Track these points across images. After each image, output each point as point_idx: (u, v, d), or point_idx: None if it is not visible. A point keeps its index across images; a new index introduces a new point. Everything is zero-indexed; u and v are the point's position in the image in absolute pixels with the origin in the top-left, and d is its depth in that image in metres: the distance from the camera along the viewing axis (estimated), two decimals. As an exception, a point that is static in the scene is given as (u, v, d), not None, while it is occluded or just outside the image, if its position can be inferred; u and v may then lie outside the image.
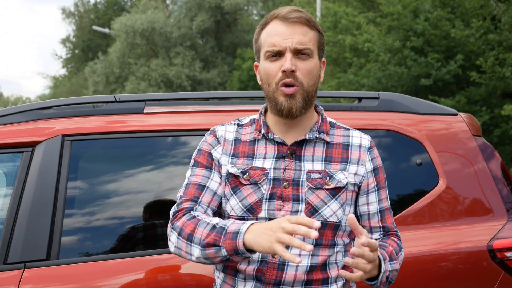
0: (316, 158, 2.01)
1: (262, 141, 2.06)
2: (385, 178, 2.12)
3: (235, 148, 2.07)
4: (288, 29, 1.97)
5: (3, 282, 2.36)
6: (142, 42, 26.04)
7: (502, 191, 2.75)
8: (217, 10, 26.34)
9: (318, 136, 2.03)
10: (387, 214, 2.10)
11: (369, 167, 2.06)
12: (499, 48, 12.10)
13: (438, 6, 13.02)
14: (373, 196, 2.07)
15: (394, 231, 2.12)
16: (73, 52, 40.29)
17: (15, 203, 2.48)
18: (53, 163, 2.54)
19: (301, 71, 1.97)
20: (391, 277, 1.98)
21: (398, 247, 2.06)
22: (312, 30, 2.01)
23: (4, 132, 2.61)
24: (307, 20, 1.99)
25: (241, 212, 2.00)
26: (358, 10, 15.70)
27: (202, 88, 25.52)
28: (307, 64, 1.98)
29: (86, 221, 2.58)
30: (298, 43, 1.96)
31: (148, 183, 2.69)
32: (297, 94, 1.97)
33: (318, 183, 1.97)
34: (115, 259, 2.47)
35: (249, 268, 1.97)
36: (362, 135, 2.09)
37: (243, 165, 2.03)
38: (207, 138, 2.11)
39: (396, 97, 2.91)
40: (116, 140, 2.67)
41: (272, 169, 2.00)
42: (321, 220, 1.96)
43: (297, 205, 1.96)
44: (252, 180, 2.00)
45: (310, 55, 1.99)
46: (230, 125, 2.13)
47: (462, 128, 2.85)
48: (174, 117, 2.76)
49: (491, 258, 2.58)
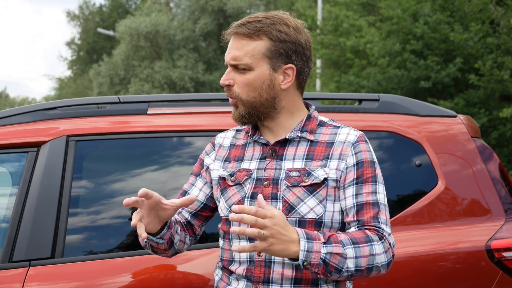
0: (297, 157, 2.03)
1: (252, 144, 2.11)
2: (375, 173, 2.01)
3: (229, 153, 2.14)
4: (230, 43, 2.04)
5: (9, 280, 2.39)
6: (146, 45, 26.07)
7: (500, 192, 2.77)
8: (219, 13, 26.36)
9: (300, 135, 2.05)
10: (367, 208, 1.96)
11: (350, 161, 2.00)
12: (498, 52, 12.14)
13: (437, 10, 13.05)
14: (350, 190, 1.99)
15: (372, 224, 1.95)
16: (78, 54, 40.35)
17: (20, 202, 2.51)
18: (58, 163, 2.57)
19: (238, 84, 2.02)
20: (334, 263, 1.83)
21: (366, 238, 1.90)
22: (256, 41, 1.99)
23: (9, 132, 2.64)
24: (246, 33, 1.99)
25: (227, 211, 2.06)
26: (358, 13, 15.71)
27: (205, 89, 25.53)
28: (244, 77, 2.01)
29: (90, 220, 2.61)
30: (232, 58, 2.01)
31: (152, 183, 2.72)
32: (239, 105, 2.04)
33: (295, 181, 1.99)
34: (119, 258, 2.49)
35: (239, 268, 2.01)
36: (350, 131, 2.05)
37: (232, 168, 2.09)
38: (206, 146, 2.22)
39: (396, 99, 2.93)
40: (120, 141, 2.70)
41: (256, 169, 2.04)
42: (298, 218, 1.97)
43: (275, 204, 1.99)
44: (236, 181, 2.05)
45: (248, 69, 2.00)
46: (230, 131, 2.20)
47: (461, 130, 2.87)
48: (177, 118, 2.79)
49: (489, 258, 2.59)
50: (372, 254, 1.89)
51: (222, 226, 2.11)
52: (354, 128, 2.09)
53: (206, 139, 2.75)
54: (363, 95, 2.96)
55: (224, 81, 2.02)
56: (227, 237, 2.07)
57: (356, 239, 1.89)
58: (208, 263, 2.47)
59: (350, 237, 1.89)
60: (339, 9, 15.75)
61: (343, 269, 1.85)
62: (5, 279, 2.39)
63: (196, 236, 2.22)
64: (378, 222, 1.96)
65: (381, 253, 1.91)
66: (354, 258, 1.86)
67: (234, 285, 2.02)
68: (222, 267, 2.09)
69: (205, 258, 2.48)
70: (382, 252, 1.91)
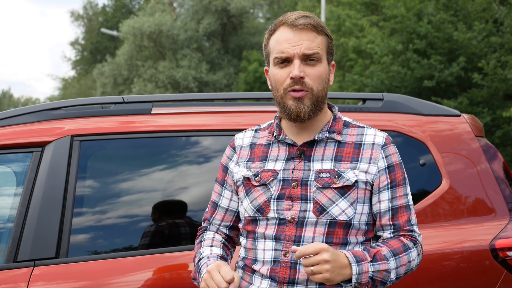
0: (326, 158, 2.03)
1: (276, 144, 2.10)
2: (404, 175, 2.08)
3: (251, 153, 2.13)
4: (296, 36, 2.00)
5: (14, 280, 2.40)
6: (149, 45, 26.10)
7: (505, 191, 2.77)
8: (223, 13, 26.37)
9: (328, 136, 2.05)
10: (401, 212, 2.05)
11: (382, 165, 2.03)
12: (501, 51, 12.15)
13: (441, 9, 13.07)
14: (385, 194, 2.03)
15: (407, 229, 2.05)
16: (82, 54, 40.50)
17: (25, 202, 2.52)
18: (62, 163, 2.57)
19: (310, 77, 2.00)
20: (380, 278, 1.94)
21: (404, 246, 2.01)
22: (320, 35, 2.02)
23: (14, 132, 2.65)
24: (314, 26, 2.01)
25: (252, 212, 2.05)
26: (361, 13, 15.73)
27: (208, 89, 25.54)
28: (316, 69, 2.01)
29: (94, 219, 2.61)
30: (306, 48, 1.99)
31: (156, 183, 2.73)
32: (306, 98, 2.00)
33: (326, 182, 1.99)
34: (124, 257, 2.49)
35: (263, 268, 2.01)
36: (377, 133, 2.08)
37: (256, 168, 2.09)
38: (226, 150, 2.22)
39: (400, 99, 2.93)
40: (124, 140, 2.70)
41: (282, 170, 2.04)
42: (329, 219, 1.97)
43: (305, 205, 1.99)
44: (262, 181, 2.05)
45: (318, 60, 2.01)
46: (248, 131, 2.20)
47: (465, 129, 2.87)
48: (181, 117, 2.80)
49: (494, 257, 2.60)
50: (410, 261, 2.02)
51: (245, 226, 2.10)
52: (378, 129, 2.11)
53: (210, 138, 2.76)
54: (367, 94, 2.96)
55: (299, 73, 1.98)
56: (250, 236, 2.07)
57: (396, 250, 2.00)
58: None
59: (390, 248, 1.99)
60: (342, 9, 15.76)
61: (388, 282, 1.97)
62: (10, 279, 2.40)
63: (235, 246, 2.25)
64: (411, 225, 2.07)
65: (416, 257, 2.05)
66: (395, 269, 1.98)
67: (257, 284, 2.02)
68: (244, 265, 2.08)
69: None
70: (416, 256, 2.05)
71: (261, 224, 2.03)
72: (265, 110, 2.88)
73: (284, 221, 1.99)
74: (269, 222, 2.02)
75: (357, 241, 2.02)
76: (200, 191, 2.71)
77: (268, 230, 2.01)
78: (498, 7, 12.94)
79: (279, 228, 2.00)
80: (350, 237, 2.00)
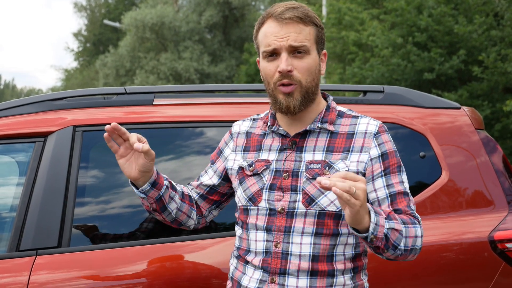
0: (318, 149, 2.03)
1: (270, 134, 2.12)
2: (400, 163, 2.04)
3: (247, 141, 2.16)
4: (282, 29, 1.99)
5: (16, 269, 2.41)
6: (151, 36, 26.07)
7: (504, 184, 2.78)
8: (225, 5, 26.32)
9: (320, 126, 2.05)
10: (400, 198, 2.01)
11: (374, 153, 2.01)
12: (501, 44, 12.15)
13: (441, 2, 13.05)
14: (380, 182, 2.01)
15: (410, 213, 2.01)
16: (84, 46, 40.48)
17: (27, 192, 2.52)
18: (65, 153, 2.58)
19: (298, 70, 2.00)
20: (393, 239, 1.88)
21: (411, 219, 1.96)
22: (308, 26, 2.01)
23: (17, 123, 2.65)
24: (301, 17, 2.00)
25: (245, 201, 2.08)
26: (362, 6, 15.71)
27: (210, 81, 25.53)
28: (304, 61, 2.00)
29: (96, 209, 2.62)
30: (293, 41, 1.98)
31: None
32: (295, 92, 2.00)
33: (316, 173, 1.99)
34: (125, 247, 2.51)
35: (256, 259, 2.03)
36: (370, 121, 2.06)
37: (251, 158, 2.11)
38: (225, 135, 2.26)
39: (400, 91, 2.94)
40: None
41: (275, 160, 2.06)
42: (318, 210, 1.97)
43: (295, 196, 2.00)
44: (254, 171, 2.07)
45: (307, 52, 2.00)
46: (246, 120, 2.22)
47: (465, 122, 2.88)
48: (183, 108, 2.81)
49: (492, 249, 2.61)
50: (416, 236, 1.96)
51: (239, 216, 2.13)
52: (373, 118, 2.09)
53: (211, 129, 2.77)
54: (367, 86, 2.97)
55: (287, 67, 1.98)
56: (245, 226, 2.09)
57: (404, 220, 1.95)
58: (215, 253, 2.49)
59: (400, 217, 1.94)
60: (343, 2, 15.75)
61: (399, 246, 1.90)
62: (12, 268, 2.42)
63: (205, 218, 2.30)
64: (413, 210, 2.03)
65: (420, 236, 1.98)
66: (405, 237, 1.92)
67: (249, 275, 2.04)
68: (238, 255, 2.11)
69: (214, 248, 2.50)
70: (420, 236, 1.98)
71: (252, 214, 2.05)
72: (266, 101, 2.89)
73: (274, 212, 2.01)
74: (260, 212, 2.03)
75: (349, 232, 2.00)
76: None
77: (259, 221, 2.03)
78: (499, 0, 12.92)
79: (270, 218, 2.01)
80: (341, 228, 2.00)
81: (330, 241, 1.99)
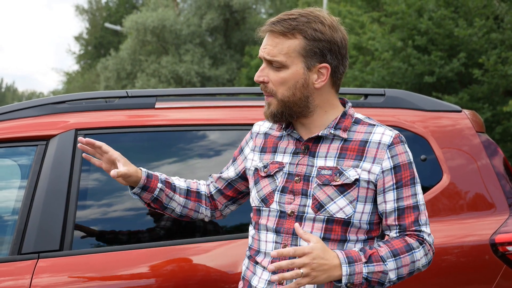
0: (330, 155, 2.02)
1: (286, 137, 2.12)
2: (413, 175, 2.03)
3: (264, 142, 2.17)
4: (266, 39, 2.02)
5: (18, 272, 2.41)
6: (152, 40, 26.09)
7: (505, 186, 2.78)
8: (226, 8, 26.34)
9: (333, 133, 2.04)
10: (408, 212, 2.01)
11: (387, 165, 1.99)
12: (502, 47, 12.18)
13: (442, 6, 13.09)
14: (391, 195, 2.00)
15: (413, 229, 2.01)
16: (86, 49, 40.54)
17: (29, 195, 2.53)
18: (67, 156, 2.59)
19: (272, 82, 2.01)
20: (376, 279, 1.91)
21: (407, 247, 1.97)
22: (290, 39, 1.97)
23: (19, 126, 2.66)
24: (283, 30, 1.97)
25: (258, 202, 2.10)
26: (363, 9, 15.74)
27: (211, 84, 25.54)
28: (278, 75, 2.00)
29: (98, 212, 2.63)
30: (267, 54, 2.00)
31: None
32: (272, 103, 2.03)
33: (326, 180, 2.00)
34: (127, 250, 2.51)
35: (265, 261, 2.05)
36: (385, 131, 2.03)
37: (267, 160, 2.13)
38: (247, 134, 2.28)
39: (401, 94, 2.94)
40: (128, 134, 2.72)
41: (289, 163, 2.06)
42: (327, 216, 1.98)
43: (305, 200, 2.01)
44: (268, 173, 2.09)
45: (282, 67, 1.99)
46: (267, 121, 2.20)
47: (466, 125, 2.88)
48: (184, 112, 2.82)
49: (493, 252, 2.61)
50: (413, 261, 1.98)
51: (253, 216, 2.15)
52: (389, 128, 2.07)
53: (213, 132, 2.78)
54: (369, 90, 2.98)
55: (258, 78, 2.01)
56: (257, 227, 2.11)
57: (396, 250, 1.96)
58: (220, 255, 2.50)
59: (391, 248, 1.95)
60: (343, 5, 15.78)
61: (385, 282, 1.94)
62: (14, 271, 2.42)
63: (220, 212, 2.33)
64: (419, 225, 2.02)
65: (422, 257, 2.00)
66: (395, 269, 1.94)
67: (258, 275, 2.06)
68: (249, 255, 2.13)
69: (218, 250, 2.50)
70: (423, 256, 2.00)
71: (264, 215, 2.08)
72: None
73: (284, 214, 2.03)
74: (271, 213, 2.05)
75: (357, 239, 2.01)
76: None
77: (269, 222, 2.05)
78: (499, 3, 12.96)
79: (280, 221, 2.03)
80: (349, 235, 2.00)
81: (338, 247, 1.99)
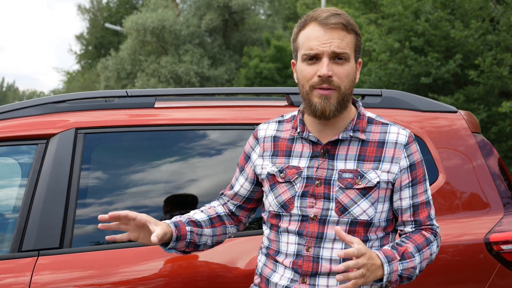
0: (349, 158, 2.04)
1: (300, 140, 2.11)
2: (424, 172, 2.11)
3: (274, 145, 2.15)
4: (326, 34, 1.99)
5: (18, 269, 2.43)
6: (152, 40, 26.08)
7: (500, 186, 2.81)
8: (225, 9, 26.33)
9: (352, 135, 2.05)
10: (422, 208, 2.09)
11: (404, 164, 2.05)
12: (497, 49, 12.20)
13: (438, 7, 13.11)
14: (407, 192, 2.07)
15: (428, 224, 2.11)
16: (86, 49, 40.52)
17: (29, 193, 2.54)
18: (67, 155, 2.60)
19: (338, 76, 2.00)
20: (407, 274, 1.99)
21: (426, 241, 2.06)
22: (350, 34, 2.02)
23: (20, 125, 2.67)
24: (345, 24, 2.01)
25: (277, 208, 2.10)
26: (360, 11, 15.74)
27: (210, 84, 25.53)
28: (344, 68, 2.01)
29: (98, 211, 2.64)
30: (336, 47, 1.99)
31: (159, 175, 2.76)
32: (332, 97, 2.00)
33: (349, 183, 2.02)
34: (126, 248, 2.52)
35: (286, 260, 2.07)
36: (399, 131, 2.08)
37: (281, 164, 2.11)
38: (249, 139, 2.25)
39: (398, 95, 2.97)
40: (127, 133, 2.73)
41: (306, 168, 2.06)
42: (351, 219, 2.01)
43: (328, 203, 2.03)
44: (286, 178, 2.08)
45: (347, 59, 2.01)
46: (271, 123, 2.21)
47: (462, 125, 2.91)
48: (183, 111, 2.84)
49: (488, 251, 2.64)
50: (431, 254, 2.09)
51: (269, 219, 2.14)
52: (402, 127, 2.12)
53: (212, 132, 2.80)
54: (365, 90, 3.00)
55: (328, 72, 1.98)
56: (274, 229, 2.11)
57: (419, 245, 2.05)
58: (220, 253, 2.51)
59: (415, 244, 2.04)
60: (341, 7, 15.80)
61: (413, 277, 2.02)
62: (14, 269, 2.44)
63: (243, 224, 2.33)
64: (431, 220, 2.13)
65: (436, 250, 2.11)
66: (419, 263, 2.03)
67: (280, 273, 2.08)
68: (267, 253, 2.14)
69: (220, 248, 2.49)
70: (436, 248, 2.12)
71: (285, 219, 2.08)
72: (265, 105, 2.93)
73: (307, 218, 2.04)
74: (292, 218, 2.06)
75: (377, 237, 2.07)
76: (201, 184, 2.75)
77: (291, 226, 2.06)
78: (495, 6, 12.99)
79: (302, 224, 2.04)
80: (370, 234, 2.05)
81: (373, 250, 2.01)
